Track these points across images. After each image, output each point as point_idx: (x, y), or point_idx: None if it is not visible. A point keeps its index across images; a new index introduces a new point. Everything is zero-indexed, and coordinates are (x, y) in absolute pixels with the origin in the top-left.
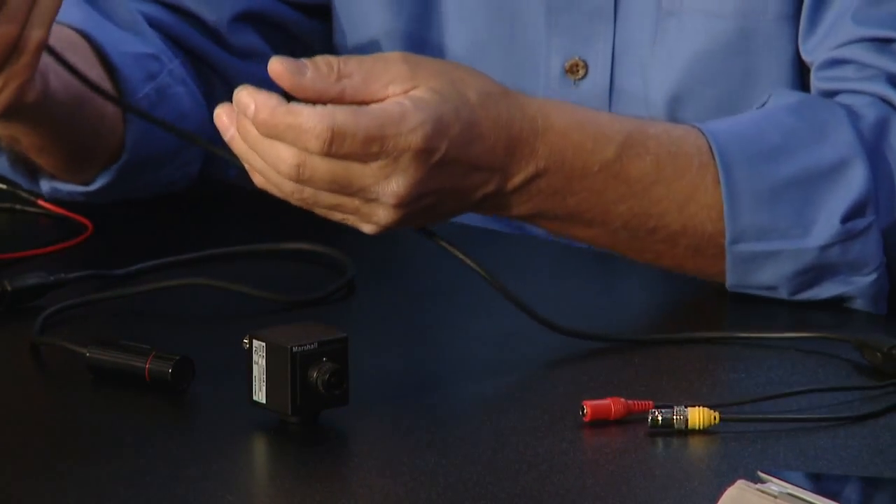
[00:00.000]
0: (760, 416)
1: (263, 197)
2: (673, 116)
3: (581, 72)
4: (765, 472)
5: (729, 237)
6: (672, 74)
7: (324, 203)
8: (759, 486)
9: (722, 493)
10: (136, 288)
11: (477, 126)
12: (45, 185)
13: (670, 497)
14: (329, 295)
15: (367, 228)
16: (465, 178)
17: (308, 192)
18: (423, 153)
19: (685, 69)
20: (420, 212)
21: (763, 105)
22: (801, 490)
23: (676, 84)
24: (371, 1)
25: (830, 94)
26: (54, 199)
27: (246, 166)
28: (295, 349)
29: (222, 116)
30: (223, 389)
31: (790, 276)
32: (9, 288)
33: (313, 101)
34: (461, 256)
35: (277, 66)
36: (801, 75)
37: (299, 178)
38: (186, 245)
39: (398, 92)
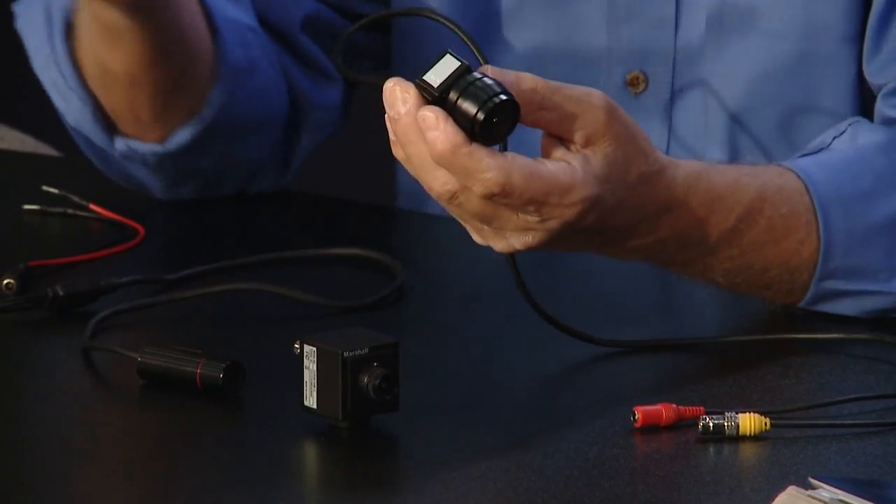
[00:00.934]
0: (811, 421)
1: (314, 201)
2: (733, 134)
3: (642, 85)
4: (816, 479)
5: (818, 275)
6: (733, 93)
7: (461, 218)
8: (810, 492)
9: (773, 499)
10: (187, 293)
11: (623, 204)
12: (120, 144)
13: (721, 503)
14: (380, 300)
15: (480, 241)
16: (589, 238)
17: (449, 204)
18: (571, 224)
19: (746, 88)
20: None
21: (841, 134)
22: (852, 496)
23: (737, 102)
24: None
25: None
26: (127, 157)
27: (395, 146)
28: (346, 354)
29: (396, 90)
30: (274, 394)
31: (868, 312)
32: (60, 293)
33: None
34: (518, 279)
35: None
36: (861, 96)
37: (449, 203)
38: (237, 250)
39: (581, 141)
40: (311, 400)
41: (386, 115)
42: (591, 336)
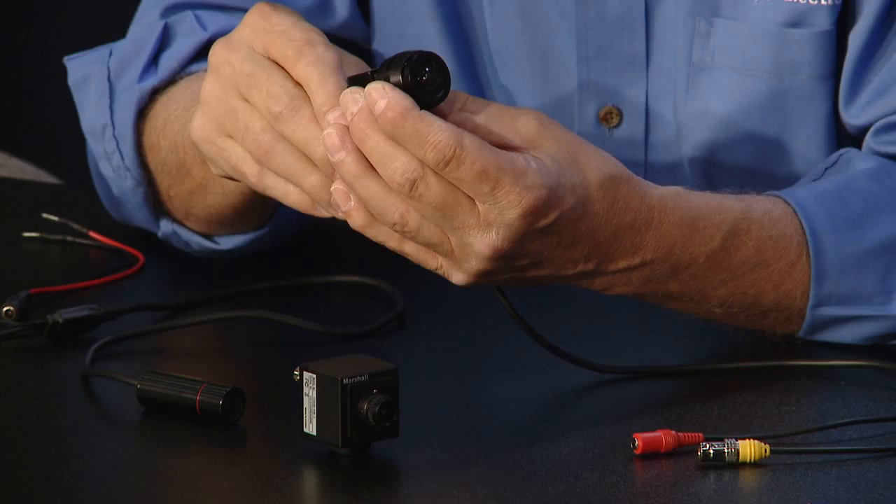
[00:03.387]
0: (810, 448)
1: (314, 229)
2: (709, 169)
3: (615, 120)
4: None
5: (812, 301)
6: (706, 130)
7: (423, 237)
8: None
9: None
10: (187, 320)
11: (591, 205)
12: (167, 226)
13: None
14: (379, 328)
15: (457, 277)
16: (565, 250)
17: (413, 221)
18: (531, 215)
19: (719, 126)
20: (512, 270)
21: (834, 164)
22: None
23: (711, 140)
24: (406, 44)
25: (892, 159)
26: (167, 238)
27: (348, 200)
28: (346, 381)
29: (334, 136)
30: (274, 421)
31: (867, 338)
32: (60, 320)
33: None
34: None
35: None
36: (836, 133)
37: (411, 193)
38: (237, 277)
39: (518, 146)
40: (310, 427)
41: (338, 139)
42: (593, 363)
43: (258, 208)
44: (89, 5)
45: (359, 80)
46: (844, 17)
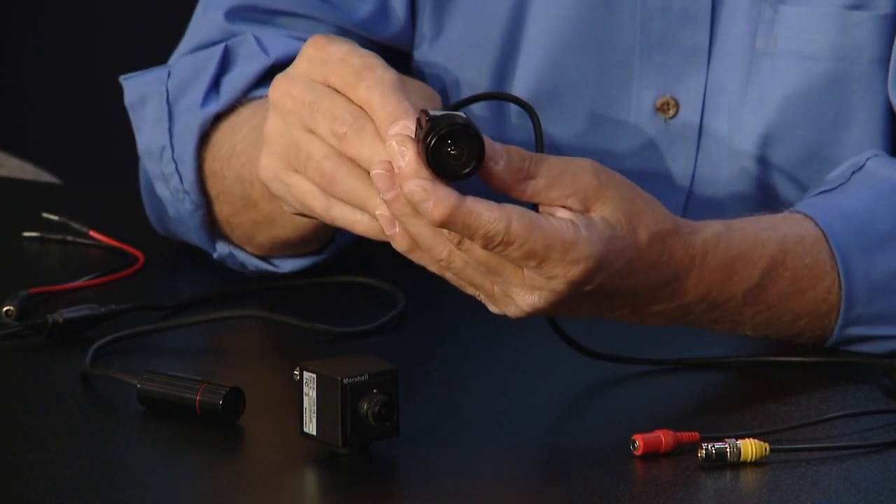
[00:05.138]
0: (810, 445)
1: None
2: (762, 157)
3: (672, 110)
4: None
5: (841, 322)
6: (764, 115)
7: (467, 278)
8: None
9: None
10: (187, 319)
11: (636, 264)
12: (223, 248)
13: None
14: (380, 327)
15: (495, 311)
16: (605, 301)
17: (458, 262)
18: (577, 285)
19: (777, 110)
20: (552, 314)
21: (860, 169)
22: None
23: (767, 125)
24: (458, 41)
25: None
26: (223, 259)
27: (393, 226)
28: (345, 381)
29: (384, 177)
30: (274, 421)
31: (891, 352)
32: (60, 319)
33: (495, 189)
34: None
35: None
36: (893, 119)
37: (458, 247)
38: (237, 277)
39: (577, 208)
40: (310, 426)
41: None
42: (598, 352)
43: (322, 233)
44: (90, 5)
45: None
46: None
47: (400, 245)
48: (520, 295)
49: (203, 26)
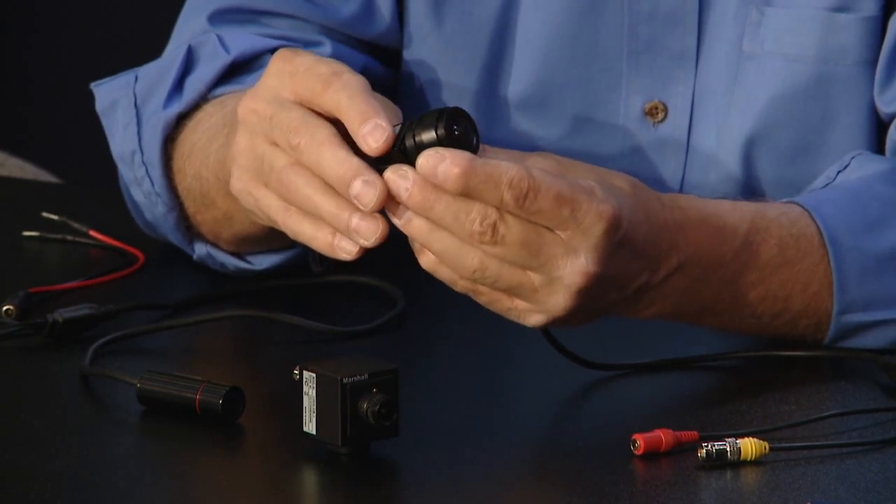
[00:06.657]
0: (810, 443)
1: None
2: (748, 159)
3: (660, 115)
4: None
5: (837, 309)
6: (749, 117)
7: (504, 282)
8: None
9: None
10: (187, 319)
11: (639, 211)
12: (201, 249)
13: None
14: (379, 327)
15: (534, 319)
16: (630, 264)
17: (493, 267)
18: (612, 228)
19: (763, 112)
20: (591, 302)
21: (846, 167)
22: None
23: (753, 127)
24: (446, 42)
25: None
26: (202, 260)
27: (417, 246)
28: (345, 380)
29: (391, 178)
30: (274, 420)
31: (893, 342)
32: (60, 319)
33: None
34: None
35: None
36: (877, 121)
37: (493, 239)
38: (237, 277)
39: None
40: (310, 426)
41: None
42: (589, 360)
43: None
44: (90, 5)
45: (386, 158)
46: (889, 2)
47: (426, 262)
48: (567, 268)
49: (187, 30)
